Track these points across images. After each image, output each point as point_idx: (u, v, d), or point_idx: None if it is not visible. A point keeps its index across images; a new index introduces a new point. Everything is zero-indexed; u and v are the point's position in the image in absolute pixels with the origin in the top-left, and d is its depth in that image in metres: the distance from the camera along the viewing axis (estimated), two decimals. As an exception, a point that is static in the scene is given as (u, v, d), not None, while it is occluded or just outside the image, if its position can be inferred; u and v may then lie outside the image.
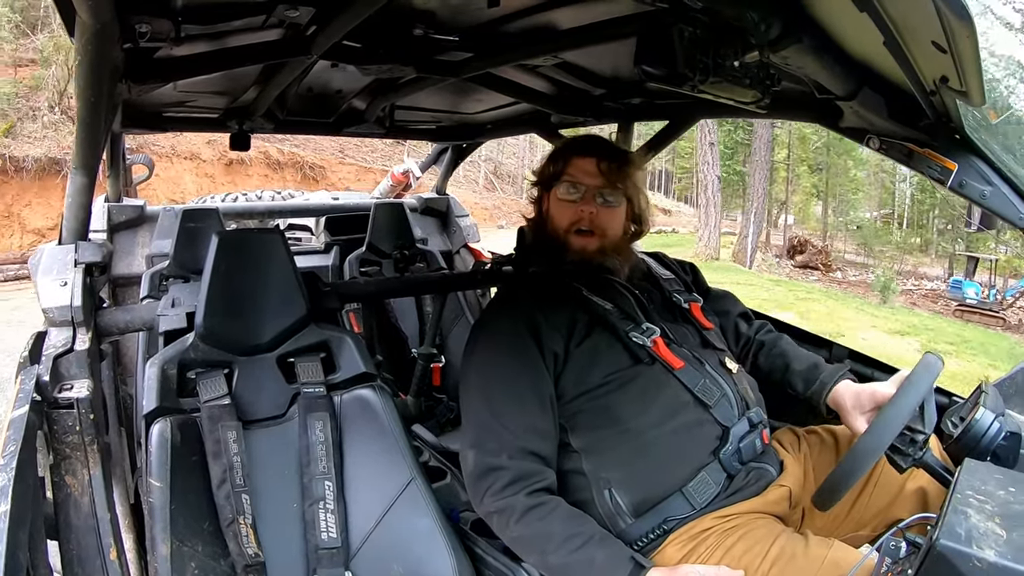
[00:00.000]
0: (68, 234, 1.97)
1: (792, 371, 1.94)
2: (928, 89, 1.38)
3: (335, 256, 4.08)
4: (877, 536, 1.67)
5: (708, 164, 21.46)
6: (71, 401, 1.64)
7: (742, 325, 2.13)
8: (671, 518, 1.59)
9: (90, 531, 1.57)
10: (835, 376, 1.82)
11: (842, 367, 1.88)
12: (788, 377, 1.94)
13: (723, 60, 1.35)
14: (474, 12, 1.74)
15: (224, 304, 1.81)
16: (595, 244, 1.86)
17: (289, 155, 21.72)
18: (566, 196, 1.87)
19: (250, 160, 19.98)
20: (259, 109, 2.54)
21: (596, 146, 1.93)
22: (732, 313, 2.14)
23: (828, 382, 1.82)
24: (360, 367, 1.89)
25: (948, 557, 1.06)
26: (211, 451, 1.69)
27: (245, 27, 1.68)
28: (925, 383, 1.46)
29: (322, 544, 1.72)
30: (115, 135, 3.06)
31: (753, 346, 2.07)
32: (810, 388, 1.87)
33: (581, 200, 1.86)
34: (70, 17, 1.19)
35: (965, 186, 1.60)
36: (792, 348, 2.03)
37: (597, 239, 1.86)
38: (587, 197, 1.86)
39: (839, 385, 1.79)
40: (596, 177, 1.86)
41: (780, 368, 1.97)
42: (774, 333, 2.12)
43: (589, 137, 2.04)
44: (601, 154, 1.88)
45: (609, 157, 1.89)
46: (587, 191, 1.86)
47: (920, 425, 1.47)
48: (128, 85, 1.69)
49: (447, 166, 4.26)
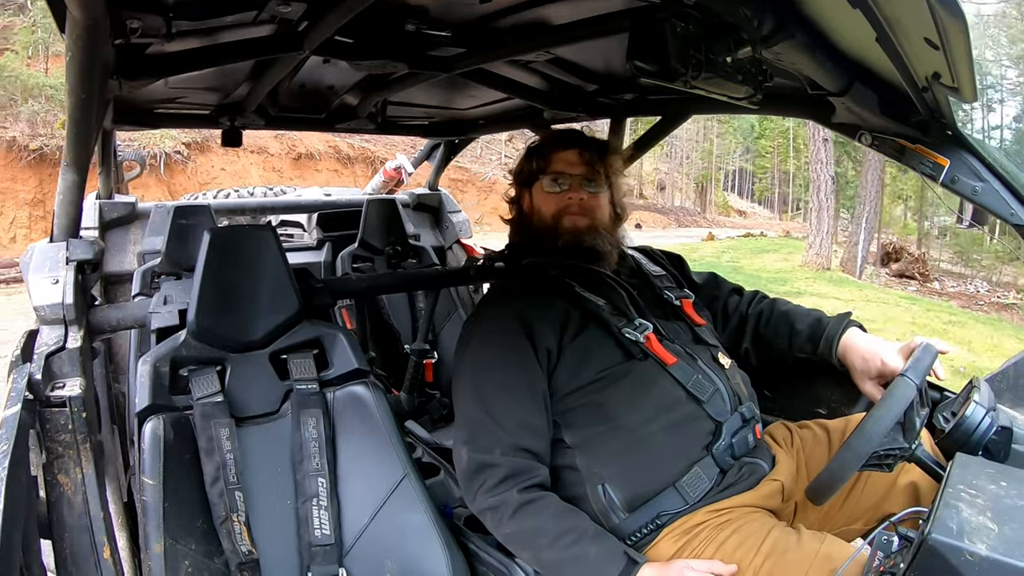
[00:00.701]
0: (59, 231, 1.96)
1: (797, 334, 1.96)
2: (920, 85, 1.39)
3: (327, 252, 4.08)
4: (869, 530, 1.68)
5: (821, 163, 19.14)
6: (63, 399, 1.64)
7: (733, 302, 2.14)
8: (664, 513, 1.60)
9: (83, 530, 1.57)
10: (839, 328, 1.86)
11: (844, 315, 1.91)
12: (794, 342, 1.96)
13: (716, 56, 1.34)
14: (466, 7, 1.74)
15: (216, 301, 1.81)
16: (585, 221, 1.88)
17: (360, 150, 21.37)
18: (552, 188, 1.89)
19: (319, 155, 19.67)
20: (251, 105, 2.54)
21: (575, 138, 1.95)
22: (722, 294, 2.15)
23: (833, 336, 1.86)
24: (353, 363, 1.88)
25: (940, 551, 1.07)
26: (204, 448, 1.69)
27: (237, 23, 1.67)
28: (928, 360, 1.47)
29: (315, 541, 1.72)
30: (106, 132, 3.04)
31: (750, 321, 2.08)
32: (818, 348, 1.90)
33: (568, 190, 1.88)
34: (61, 13, 1.19)
35: (957, 182, 1.60)
36: (791, 309, 2.04)
37: (587, 218, 1.88)
38: (573, 186, 1.88)
39: (845, 339, 1.84)
40: (579, 167, 1.88)
41: (785, 335, 1.99)
42: (768, 299, 2.12)
43: (566, 131, 2.06)
44: (582, 145, 1.91)
45: (589, 147, 1.92)
46: (572, 181, 1.88)
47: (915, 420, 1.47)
48: (119, 81, 1.68)
49: (439, 162, 4.24)
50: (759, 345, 2.04)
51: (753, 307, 2.10)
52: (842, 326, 1.87)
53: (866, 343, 1.82)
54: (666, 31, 1.30)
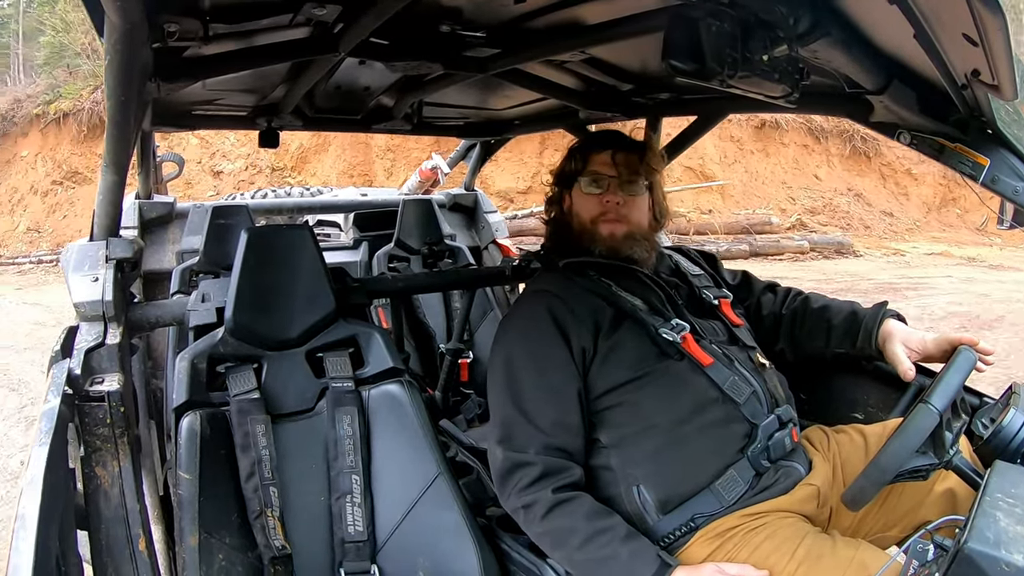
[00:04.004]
0: (99, 230, 2.00)
1: (834, 329, 1.94)
2: (959, 83, 1.36)
3: (364, 252, 4.11)
4: (905, 537, 1.66)
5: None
6: (102, 394, 1.67)
7: (768, 300, 2.12)
8: (698, 515, 1.59)
9: (119, 522, 1.60)
10: (877, 318, 1.85)
11: (880, 305, 1.89)
12: (832, 338, 1.95)
13: (752, 54, 1.33)
14: (500, 8, 1.74)
15: (253, 299, 1.83)
16: (623, 229, 1.86)
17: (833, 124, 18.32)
18: (590, 190, 1.87)
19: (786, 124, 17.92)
20: (288, 106, 2.56)
21: (614, 139, 1.94)
22: (756, 293, 2.14)
23: (872, 327, 1.85)
24: (388, 362, 1.90)
25: (976, 561, 1.05)
26: (240, 444, 1.71)
27: (272, 25, 1.69)
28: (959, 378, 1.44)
29: (348, 537, 1.73)
30: (145, 133, 3.09)
31: (785, 320, 2.05)
32: (857, 342, 1.88)
33: (606, 191, 1.86)
34: (99, 18, 1.21)
35: (998, 182, 1.57)
36: (827, 303, 2.02)
37: (624, 225, 1.86)
38: (611, 188, 1.86)
39: (884, 329, 1.83)
40: (618, 168, 1.86)
41: (822, 333, 1.97)
42: (802, 296, 2.10)
43: (606, 131, 2.05)
44: (620, 146, 1.90)
45: (628, 148, 1.90)
46: (610, 183, 1.86)
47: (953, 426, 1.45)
48: (157, 84, 1.70)
49: (475, 162, 4.24)
50: (795, 345, 2.02)
51: (787, 305, 2.07)
52: (880, 316, 1.84)
53: (905, 331, 1.80)
54: (701, 29, 1.29)
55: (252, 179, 16.29)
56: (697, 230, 15.47)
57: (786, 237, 15.31)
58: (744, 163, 17.86)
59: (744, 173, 17.74)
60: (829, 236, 15.63)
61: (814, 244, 14.93)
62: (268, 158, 16.49)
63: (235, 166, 16.60)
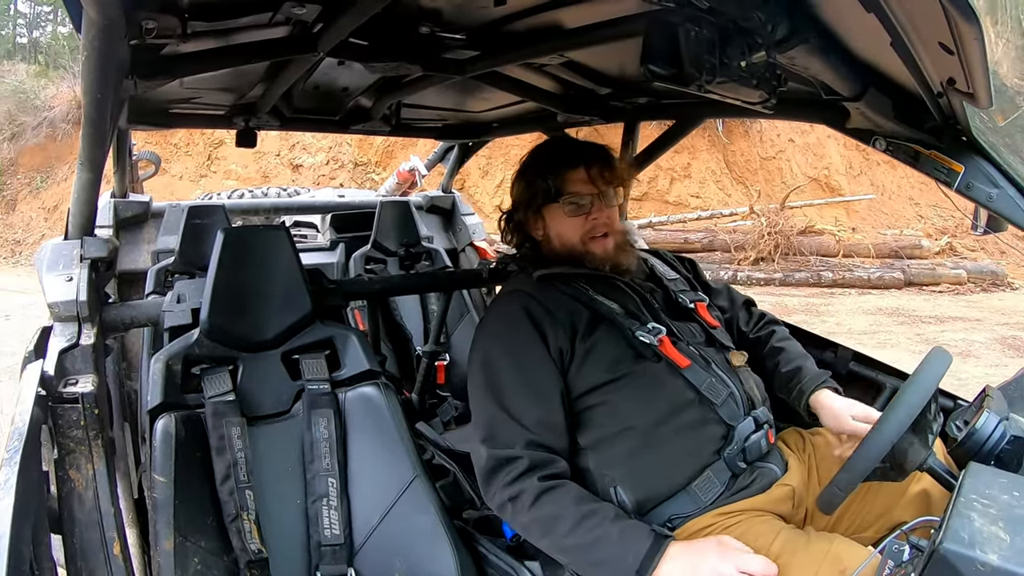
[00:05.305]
0: (74, 229, 1.98)
1: (779, 376, 1.95)
2: (935, 91, 1.38)
3: (340, 253, 4.09)
4: (880, 538, 1.67)
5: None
6: (76, 396, 1.64)
7: (743, 318, 2.13)
8: (675, 516, 1.60)
9: (93, 525, 1.57)
10: (813, 386, 1.85)
11: (823, 374, 1.89)
12: (775, 381, 1.95)
13: (730, 60, 1.34)
14: (480, 10, 1.74)
15: (229, 300, 1.82)
16: (612, 243, 1.86)
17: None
18: (574, 213, 1.85)
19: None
20: (265, 106, 2.55)
21: (585, 153, 1.89)
22: (735, 307, 2.14)
23: (806, 391, 1.85)
24: (364, 364, 1.89)
25: (951, 561, 1.06)
26: (215, 447, 1.69)
27: (252, 24, 1.68)
28: (932, 380, 1.45)
29: (325, 540, 1.72)
30: (121, 131, 3.06)
31: (750, 343, 2.06)
32: (791, 396, 1.90)
33: (592, 209, 1.85)
34: (77, 13, 1.20)
35: (972, 188, 1.59)
36: (782, 346, 2.03)
37: (612, 238, 1.87)
38: (595, 206, 1.85)
39: (815, 398, 1.83)
40: (596, 184, 1.84)
41: (771, 371, 1.98)
42: (770, 328, 2.11)
43: (573, 145, 1.99)
44: (593, 159, 1.86)
45: (600, 160, 1.87)
46: (593, 199, 1.85)
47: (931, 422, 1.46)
48: (135, 81, 1.69)
49: (453, 164, 4.24)
50: (756, 368, 2.02)
51: (755, 331, 2.10)
52: (816, 384, 1.85)
53: (838, 405, 1.79)
54: (680, 35, 1.31)
55: (334, 174, 15.83)
56: (846, 252, 12.89)
57: (938, 263, 12.67)
58: (870, 175, 16.82)
59: (870, 186, 16.45)
60: (981, 264, 12.73)
61: (969, 273, 12.12)
62: (351, 152, 15.86)
63: (316, 160, 16.12)
